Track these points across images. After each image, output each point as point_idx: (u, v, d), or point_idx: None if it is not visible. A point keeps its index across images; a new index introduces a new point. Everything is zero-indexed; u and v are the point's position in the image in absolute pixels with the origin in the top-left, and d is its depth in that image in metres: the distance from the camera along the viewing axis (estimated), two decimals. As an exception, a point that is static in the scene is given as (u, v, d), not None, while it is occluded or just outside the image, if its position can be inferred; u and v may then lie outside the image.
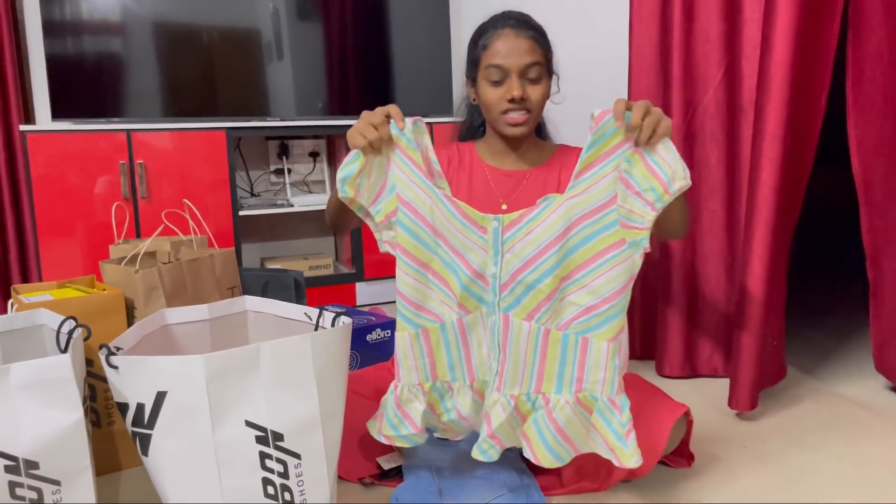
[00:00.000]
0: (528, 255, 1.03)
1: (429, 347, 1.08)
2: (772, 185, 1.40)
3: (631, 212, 1.01)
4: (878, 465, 1.25)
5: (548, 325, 1.04)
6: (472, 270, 1.05)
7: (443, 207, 1.05)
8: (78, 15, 2.39)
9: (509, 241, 1.04)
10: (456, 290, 1.05)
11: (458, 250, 1.05)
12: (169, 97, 2.54)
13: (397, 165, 1.06)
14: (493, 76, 1.25)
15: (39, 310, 1.19)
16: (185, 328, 1.19)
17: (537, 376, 1.05)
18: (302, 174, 2.88)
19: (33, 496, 0.87)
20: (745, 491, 1.17)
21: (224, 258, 1.51)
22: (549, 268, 1.02)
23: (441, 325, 1.08)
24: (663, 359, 1.76)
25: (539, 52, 1.27)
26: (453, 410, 1.11)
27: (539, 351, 1.04)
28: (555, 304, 1.03)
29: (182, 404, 0.88)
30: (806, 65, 1.39)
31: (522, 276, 1.03)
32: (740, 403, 1.46)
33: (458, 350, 1.08)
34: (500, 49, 1.25)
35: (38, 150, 2.23)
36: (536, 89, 1.26)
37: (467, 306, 1.06)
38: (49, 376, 0.88)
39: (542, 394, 1.06)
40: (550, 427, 1.05)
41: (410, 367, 1.09)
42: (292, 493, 0.93)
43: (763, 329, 1.44)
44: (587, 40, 2.31)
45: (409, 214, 1.06)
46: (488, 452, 1.07)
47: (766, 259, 1.42)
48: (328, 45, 2.76)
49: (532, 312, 1.04)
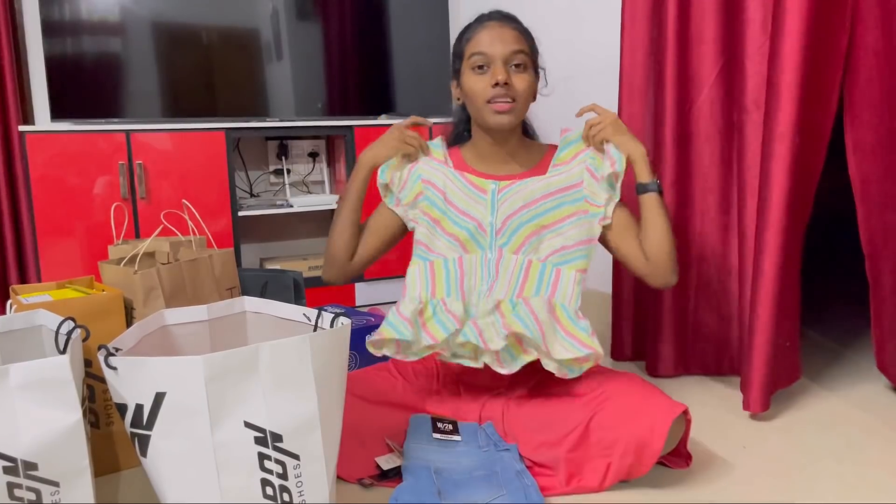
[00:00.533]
0: (516, 207, 1.33)
1: (432, 274, 1.35)
2: (783, 186, 1.40)
3: (593, 193, 1.34)
4: (878, 467, 1.25)
5: (530, 257, 1.33)
6: (475, 222, 1.34)
7: (455, 180, 1.38)
8: (77, 15, 2.39)
9: (502, 198, 1.34)
10: (463, 237, 1.34)
11: (464, 209, 1.35)
12: (168, 98, 2.54)
13: (423, 161, 1.41)
14: (477, 62, 1.30)
15: (38, 310, 1.19)
16: (184, 329, 1.19)
17: (519, 289, 1.31)
18: (301, 174, 2.88)
19: (32, 497, 0.87)
20: (743, 492, 1.17)
21: (223, 259, 1.51)
22: (531, 217, 1.33)
23: (444, 259, 1.35)
24: (656, 358, 1.76)
25: (524, 42, 1.32)
26: (444, 313, 1.31)
27: (522, 274, 1.32)
28: (534, 243, 1.33)
29: (181, 405, 0.88)
30: (815, 64, 1.39)
31: (511, 221, 1.33)
32: (753, 405, 1.46)
33: (455, 278, 1.34)
34: (484, 38, 1.30)
35: (37, 151, 2.23)
36: (522, 78, 1.30)
37: (468, 248, 1.35)
38: (48, 377, 0.88)
39: (521, 298, 1.31)
40: (526, 311, 1.28)
41: (416, 285, 1.34)
42: (291, 494, 0.93)
43: (775, 330, 1.44)
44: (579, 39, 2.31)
45: (430, 188, 1.38)
46: (468, 334, 1.27)
47: (777, 259, 1.42)
48: (327, 45, 2.76)
49: (518, 248, 1.33)
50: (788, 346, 1.53)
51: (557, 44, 2.36)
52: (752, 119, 1.55)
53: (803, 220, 1.52)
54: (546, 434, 1.23)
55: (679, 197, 1.70)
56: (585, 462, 1.17)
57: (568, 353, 1.24)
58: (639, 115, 1.80)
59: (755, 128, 1.54)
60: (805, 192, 1.49)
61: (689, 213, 1.71)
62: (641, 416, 1.14)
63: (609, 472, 1.15)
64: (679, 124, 1.67)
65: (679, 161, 1.69)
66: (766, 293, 1.44)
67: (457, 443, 1.27)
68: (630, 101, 1.80)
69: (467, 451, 1.25)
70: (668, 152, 1.67)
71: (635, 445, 1.12)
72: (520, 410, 1.32)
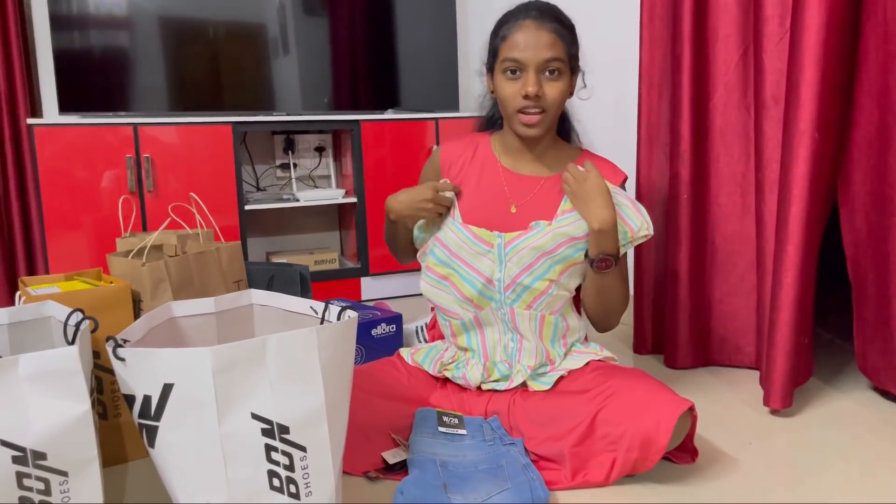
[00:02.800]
0: (525, 264, 1.30)
1: (452, 333, 1.39)
2: (804, 182, 1.39)
3: None
4: (885, 466, 1.24)
5: (543, 312, 1.33)
6: (483, 277, 1.32)
7: (460, 234, 1.34)
8: (85, 9, 2.39)
9: (510, 253, 1.30)
10: (472, 294, 1.33)
11: (471, 263, 1.32)
12: (175, 91, 2.54)
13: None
14: (509, 68, 1.25)
15: (47, 302, 1.19)
16: (191, 321, 1.20)
17: (545, 349, 1.35)
18: (308, 169, 2.88)
19: (40, 487, 0.88)
20: (749, 489, 1.17)
21: (230, 252, 1.51)
22: (540, 273, 1.30)
23: (461, 321, 1.36)
24: (674, 351, 1.77)
25: (561, 46, 1.25)
26: (461, 377, 1.37)
27: (537, 329, 1.34)
28: (548, 298, 1.32)
29: (188, 397, 0.88)
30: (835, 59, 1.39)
31: (520, 279, 1.30)
32: (774, 401, 1.46)
33: (475, 335, 1.37)
34: (520, 41, 1.24)
35: (46, 144, 2.24)
36: (555, 86, 1.25)
37: (481, 305, 1.34)
38: (57, 368, 0.89)
39: (549, 361, 1.35)
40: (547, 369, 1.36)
41: (446, 334, 1.42)
42: (298, 486, 0.93)
43: (796, 326, 1.44)
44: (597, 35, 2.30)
45: (438, 245, 1.37)
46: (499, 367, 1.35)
47: (799, 256, 1.41)
48: (334, 39, 2.76)
49: (530, 304, 1.32)
50: (806, 343, 1.52)
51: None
52: (770, 114, 1.55)
53: (823, 216, 1.51)
54: (552, 428, 1.23)
55: (697, 191, 1.70)
56: (591, 457, 1.17)
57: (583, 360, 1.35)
58: (658, 109, 1.80)
59: (774, 123, 1.54)
60: (824, 189, 1.48)
61: (706, 206, 1.72)
62: (647, 412, 1.14)
63: (614, 466, 1.15)
64: (697, 119, 1.68)
65: (697, 155, 1.69)
66: (787, 289, 1.43)
67: (462, 436, 1.27)
68: (650, 95, 1.81)
69: (473, 445, 1.25)
70: (685, 147, 1.68)
71: (641, 440, 1.12)
72: (525, 405, 1.32)
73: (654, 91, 1.80)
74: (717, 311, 1.75)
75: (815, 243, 1.47)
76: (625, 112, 2.04)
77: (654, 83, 1.80)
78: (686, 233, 1.71)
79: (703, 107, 1.68)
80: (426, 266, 1.40)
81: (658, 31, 1.78)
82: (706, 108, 1.68)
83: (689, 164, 1.68)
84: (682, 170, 1.68)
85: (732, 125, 1.67)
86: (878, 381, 1.53)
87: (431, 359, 1.43)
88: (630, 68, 2.01)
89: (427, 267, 1.39)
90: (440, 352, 1.43)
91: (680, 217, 1.71)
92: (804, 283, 1.44)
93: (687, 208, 1.70)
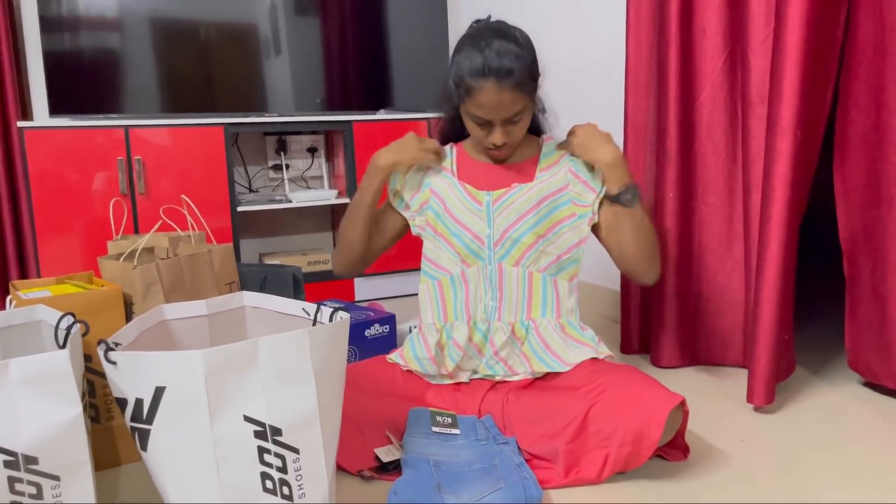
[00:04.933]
0: (513, 219, 1.36)
1: (441, 295, 1.41)
2: (785, 180, 1.40)
3: (579, 194, 1.39)
4: (876, 460, 1.25)
5: (530, 269, 1.37)
6: (471, 233, 1.38)
7: (456, 189, 1.41)
8: (75, 11, 2.39)
9: (497, 209, 1.37)
10: (460, 250, 1.38)
11: (461, 220, 1.39)
12: (167, 93, 2.54)
13: (434, 171, 1.44)
14: (477, 121, 1.31)
15: (38, 306, 1.19)
16: (183, 324, 1.20)
17: (527, 307, 1.38)
18: (300, 170, 2.88)
19: (32, 491, 0.88)
20: (741, 484, 1.18)
21: (222, 254, 1.51)
22: (528, 227, 1.36)
23: (450, 276, 1.40)
24: (660, 350, 1.77)
25: (523, 99, 1.28)
26: (452, 344, 1.39)
27: (526, 288, 1.38)
28: (534, 254, 1.37)
29: (181, 399, 0.88)
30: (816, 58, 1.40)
31: (509, 233, 1.36)
32: (757, 398, 1.46)
33: (461, 295, 1.39)
34: (483, 103, 1.27)
35: (36, 147, 2.23)
36: (518, 128, 1.33)
37: (468, 261, 1.39)
38: (48, 372, 0.89)
39: (532, 320, 1.38)
40: (539, 343, 1.37)
41: (429, 311, 1.43)
42: (291, 488, 0.93)
43: (778, 323, 1.45)
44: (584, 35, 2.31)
45: (436, 199, 1.42)
46: (495, 368, 1.39)
47: (780, 252, 1.42)
48: (326, 40, 2.75)
49: (518, 260, 1.37)
50: (786, 339, 1.53)
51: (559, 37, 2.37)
52: (756, 112, 1.55)
53: (800, 213, 1.52)
54: (544, 426, 1.24)
55: (684, 189, 1.71)
56: (584, 454, 1.18)
57: (585, 355, 1.35)
58: (644, 109, 1.81)
59: (759, 121, 1.54)
60: (803, 186, 1.49)
61: (693, 205, 1.72)
62: (639, 407, 1.15)
63: (607, 463, 1.15)
64: (684, 118, 1.68)
65: (684, 154, 1.69)
66: (769, 286, 1.44)
67: (456, 436, 1.27)
68: (636, 94, 1.81)
69: (466, 445, 1.25)
70: (672, 145, 1.68)
71: (633, 436, 1.13)
72: (518, 403, 1.32)
73: (641, 90, 1.80)
74: (705, 309, 1.76)
75: (795, 240, 1.48)
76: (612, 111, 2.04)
77: (641, 82, 1.80)
78: (673, 231, 1.72)
79: (689, 105, 1.68)
80: (426, 221, 1.43)
81: (644, 29, 1.78)
82: (693, 107, 1.69)
83: (676, 163, 1.69)
84: (669, 168, 1.69)
85: (720, 123, 1.67)
86: (873, 376, 1.54)
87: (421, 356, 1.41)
88: (617, 67, 2.02)
89: (428, 224, 1.43)
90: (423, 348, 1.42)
91: (667, 216, 1.71)
92: (786, 280, 1.45)
93: (674, 207, 1.71)
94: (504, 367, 1.38)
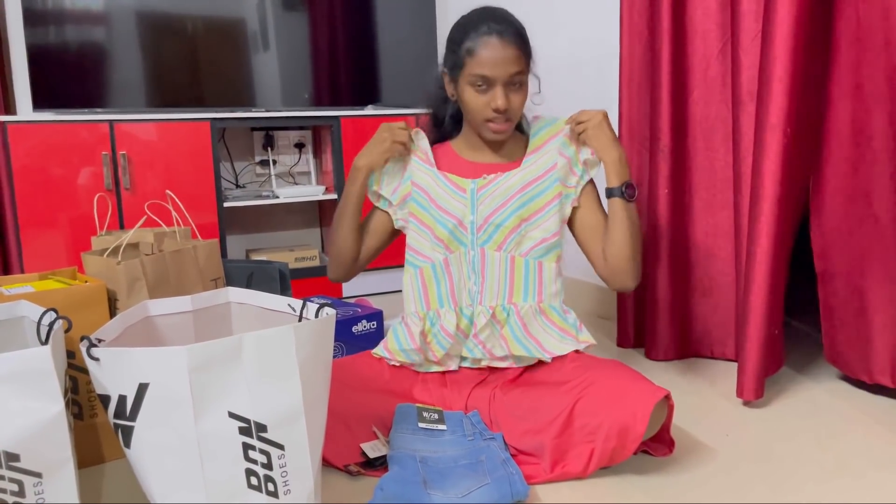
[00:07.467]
0: (497, 204, 1.37)
1: (423, 283, 1.42)
2: (775, 177, 1.41)
3: (566, 175, 1.39)
4: (858, 454, 1.26)
5: (512, 253, 1.38)
6: (455, 219, 1.38)
7: (438, 180, 1.42)
8: (59, 4, 2.36)
9: (482, 196, 1.39)
10: (443, 235, 1.39)
11: (445, 207, 1.39)
12: (153, 87, 2.51)
13: (413, 162, 1.44)
14: (477, 83, 1.31)
15: (20, 302, 1.18)
16: (167, 320, 1.19)
17: (508, 291, 1.38)
18: (287, 165, 2.87)
19: (14, 488, 0.87)
20: (725, 478, 1.19)
21: (208, 249, 1.50)
22: (511, 211, 1.37)
23: (431, 264, 1.41)
24: (653, 343, 1.79)
25: (523, 60, 1.31)
26: (440, 330, 1.38)
27: (508, 272, 1.38)
28: (516, 237, 1.38)
29: (164, 396, 0.88)
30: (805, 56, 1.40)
31: (493, 219, 1.37)
32: (746, 393, 1.47)
33: (444, 283, 1.40)
34: (487, 59, 1.28)
35: (19, 141, 2.21)
36: (518, 97, 1.33)
37: (451, 247, 1.39)
38: (29, 368, 0.88)
39: (513, 304, 1.38)
40: (520, 327, 1.37)
41: (411, 299, 1.43)
42: (276, 484, 0.93)
43: (767, 318, 1.46)
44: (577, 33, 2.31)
45: (419, 191, 1.43)
46: (474, 351, 1.38)
47: (770, 248, 1.43)
48: (314, 35, 2.74)
49: (500, 244, 1.38)
50: (776, 334, 1.54)
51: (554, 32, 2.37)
52: (746, 110, 1.56)
53: (797, 209, 1.52)
54: (531, 421, 1.24)
55: (676, 185, 1.72)
56: (570, 448, 1.18)
57: (566, 348, 1.36)
58: (638, 105, 1.81)
59: (749, 118, 1.55)
60: (795, 184, 1.49)
61: (686, 201, 1.73)
62: (624, 401, 1.15)
63: (592, 457, 1.16)
64: (677, 114, 1.69)
65: (677, 150, 1.70)
66: (758, 282, 1.45)
67: (442, 432, 1.27)
68: (629, 91, 1.82)
69: (453, 441, 1.26)
70: (666, 141, 1.69)
71: (618, 429, 1.14)
72: (505, 399, 1.32)
73: (635, 86, 1.81)
74: (697, 303, 1.77)
75: (787, 236, 1.49)
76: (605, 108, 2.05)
77: (635, 79, 1.81)
78: (666, 227, 1.73)
79: (683, 102, 1.69)
80: (408, 213, 1.43)
81: (638, 26, 1.78)
82: (686, 103, 1.70)
83: (669, 159, 1.70)
84: (663, 164, 1.70)
85: (712, 120, 1.69)
86: (850, 370, 1.55)
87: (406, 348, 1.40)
88: (610, 64, 2.02)
89: (411, 215, 1.43)
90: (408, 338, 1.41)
91: (660, 211, 1.72)
92: (776, 276, 1.46)
93: (667, 203, 1.71)
94: (482, 350, 1.37)
